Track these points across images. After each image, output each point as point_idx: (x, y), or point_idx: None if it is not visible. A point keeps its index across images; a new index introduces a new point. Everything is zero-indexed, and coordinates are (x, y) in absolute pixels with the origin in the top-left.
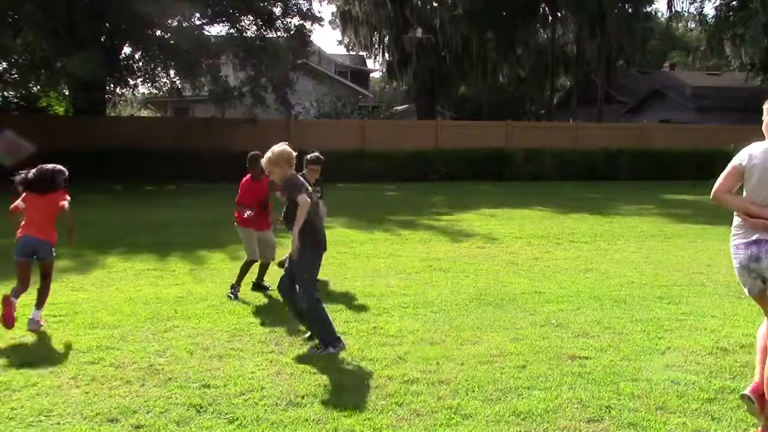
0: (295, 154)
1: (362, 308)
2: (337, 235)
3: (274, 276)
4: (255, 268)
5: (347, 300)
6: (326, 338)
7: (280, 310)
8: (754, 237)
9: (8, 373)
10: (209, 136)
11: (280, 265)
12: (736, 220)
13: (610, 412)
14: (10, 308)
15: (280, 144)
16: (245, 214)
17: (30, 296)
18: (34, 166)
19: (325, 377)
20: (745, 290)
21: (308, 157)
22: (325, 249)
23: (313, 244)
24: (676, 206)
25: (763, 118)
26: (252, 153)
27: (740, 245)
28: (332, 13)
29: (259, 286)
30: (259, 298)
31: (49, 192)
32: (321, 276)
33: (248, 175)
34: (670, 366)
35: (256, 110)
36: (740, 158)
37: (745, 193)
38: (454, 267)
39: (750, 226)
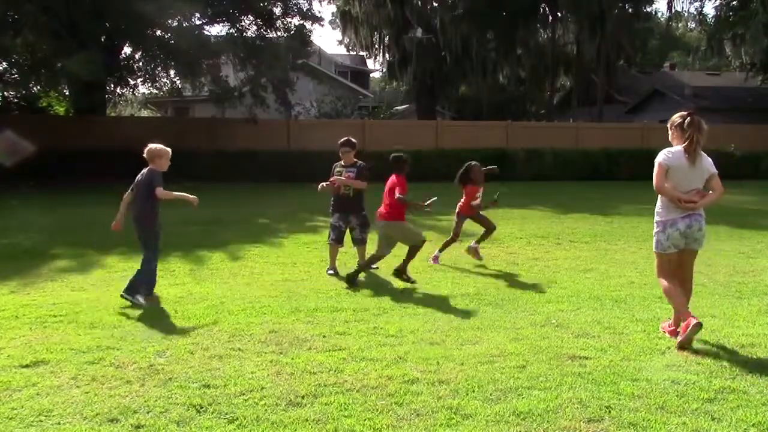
0: None
1: (362, 308)
2: None
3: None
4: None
5: (347, 300)
6: None
7: (280, 309)
8: (685, 213)
9: (8, 373)
10: (209, 136)
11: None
12: (660, 204)
13: (610, 412)
14: None
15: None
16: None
17: (22, 295)
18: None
19: (325, 377)
20: (672, 249)
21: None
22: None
23: None
24: None
25: (669, 133)
26: (399, 154)
27: (677, 219)
28: (332, 13)
29: (400, 272)
30: (260, 298)
31: None
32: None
33: (399, 173)
34: (670, 366)
35: (256, 110)
36: (663, 159)
37: (668, 185)
38: (454, 267)
39: (683, 207)
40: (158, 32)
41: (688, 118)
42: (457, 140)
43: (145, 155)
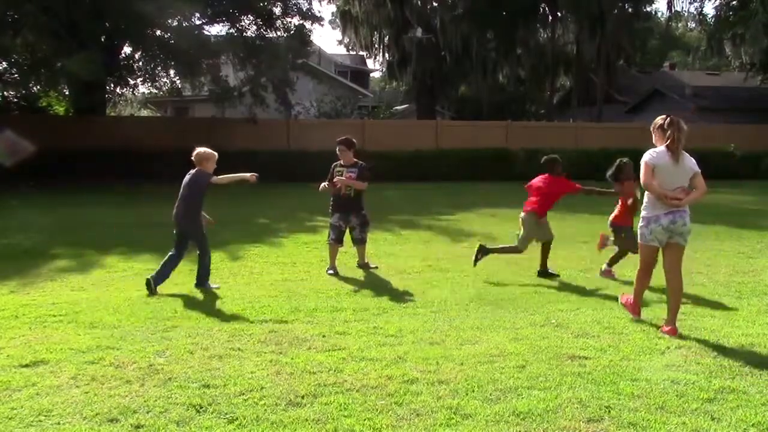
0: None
1: (362, 308)
2: None
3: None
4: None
5: (347, 300)
6: None
7: (280, 309)
8: (669, 210)
9: (8, 373)
10: (209, 136)
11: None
12: (647, 201)
13: (609, 412)
14: None
15: None
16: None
17: (22, 294)
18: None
19: (325, 377)
20: (655, 243)
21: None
22: None
23: None
24: None
25: (653, 136)
26: (553, 156)
27: (660, 215)
28: (332, 13)
29: (546, 273)
30: (260, 298)
31: None
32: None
33: (553, 173)
34: (669, 366)
35: (255, 110)
36: (648, 159)
37: (655, 183)
38: (454, 267)
39: (668, 204)
40: (158, 32)
41: (668, 119)
42: (456, 140)
43: (193, 158)
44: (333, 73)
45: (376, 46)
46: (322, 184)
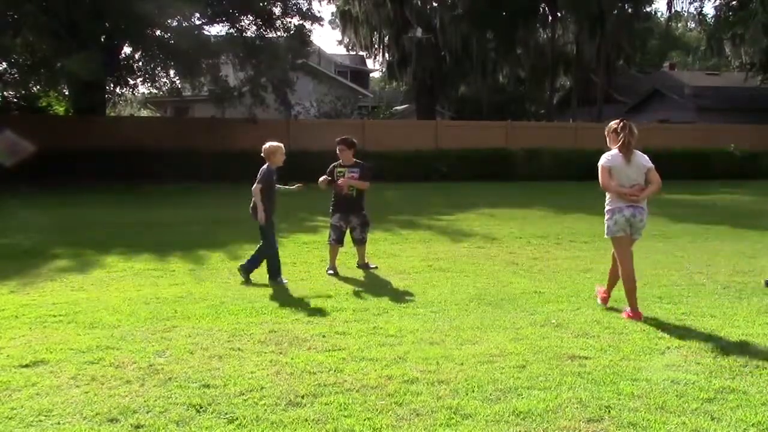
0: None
1: (362, 308)
2: None
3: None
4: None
5: (347, 300)
6: None
7: (280, 309)
8: (630, 204)
9: (8, 373)
10: (209, 136)
11: None
12: (608, 197)
13: (609, 411)
14: None
15: None
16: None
17: (22, 295)
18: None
19: (325, 377)
20: (621, 233)
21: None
22: None
23: None
24: (676, 206)
25: (607, 139)
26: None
27: (622, 207)
28: (332, 13)
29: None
30: (260, 298)
31: None
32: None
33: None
34: (669, 366)
35: (255, 110)
36: (604, 162)
37: (613, 183)
38: (454, 267)
39: (626, 200)
40: (158, 32)
41: (621, 123)
42: (456, 140)
43: (262, 154)
44: (333, 73)
45: (376, 46)
46: (323, 178)
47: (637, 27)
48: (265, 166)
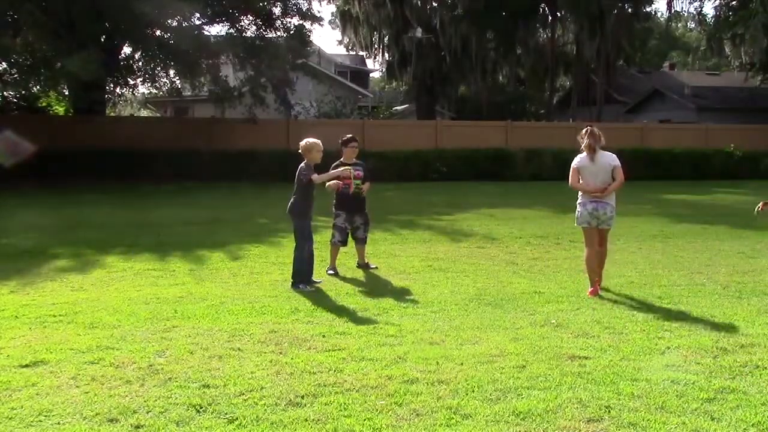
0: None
1: (362, 308)
2: None
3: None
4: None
5: (347, 300)
6: None
7: (280, 309)
8: (594, 199)
9: (8, 373)
10: (209, 136)
11: None
12: (580, 194)
13: (609, 412)
14: None
15: None
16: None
17: (22, 295)
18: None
19: (325, 377)
20: (585, 225)
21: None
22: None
23: None
24: (676, 206)
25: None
26: None
27: (587, 201)
28: (332, 13)
29: None
30: (260, 298)
31: None
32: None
33: None
34: (669, 366)
35: (255, 110)
36: (574, 164)
37: (581, 181)
38: (454, 267)
39: (590, 197)
40: (158, 32)
41: (585, 129)
42: (456, 140)
43: (299, 151)
44: (333, 73)
45: (376, 46)
46: (333, 182)
47: (637, 27)
48: (303, 164)
